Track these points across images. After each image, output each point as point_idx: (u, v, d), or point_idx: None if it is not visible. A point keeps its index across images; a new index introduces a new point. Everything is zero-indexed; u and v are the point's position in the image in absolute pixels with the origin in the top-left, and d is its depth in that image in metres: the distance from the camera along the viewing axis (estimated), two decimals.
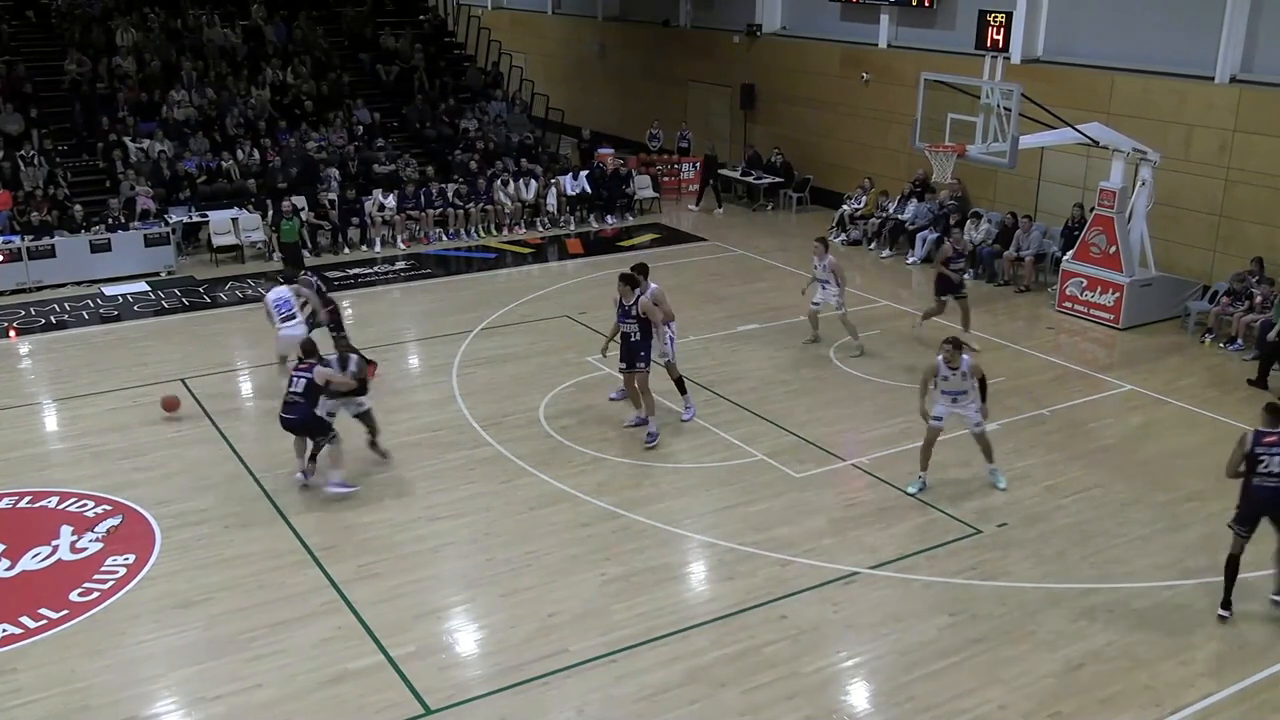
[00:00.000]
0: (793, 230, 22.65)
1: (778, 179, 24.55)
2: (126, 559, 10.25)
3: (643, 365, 12.57)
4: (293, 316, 13.28)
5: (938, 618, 9.34)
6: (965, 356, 11.21)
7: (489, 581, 9.98)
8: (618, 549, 10.45)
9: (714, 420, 13.27)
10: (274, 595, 9.71)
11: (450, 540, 10.70)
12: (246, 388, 14.62)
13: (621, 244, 22.01)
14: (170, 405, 13.31)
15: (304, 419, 11.20)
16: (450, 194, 22.50)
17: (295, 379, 11.23)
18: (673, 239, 22.36)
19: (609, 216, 23.51)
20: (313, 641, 9.05)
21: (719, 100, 27.36)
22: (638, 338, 12.45)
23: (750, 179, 24.85)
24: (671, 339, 13.20)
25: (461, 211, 22.30)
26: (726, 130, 27.10)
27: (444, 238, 21.93)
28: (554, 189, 23.21)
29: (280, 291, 13.45)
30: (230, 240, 20.43)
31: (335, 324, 14.36)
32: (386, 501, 11.40)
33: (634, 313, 12.40)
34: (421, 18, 30.31)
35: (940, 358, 11.17)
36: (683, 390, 13.36)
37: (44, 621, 9.30)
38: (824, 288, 15.24)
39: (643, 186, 24.53)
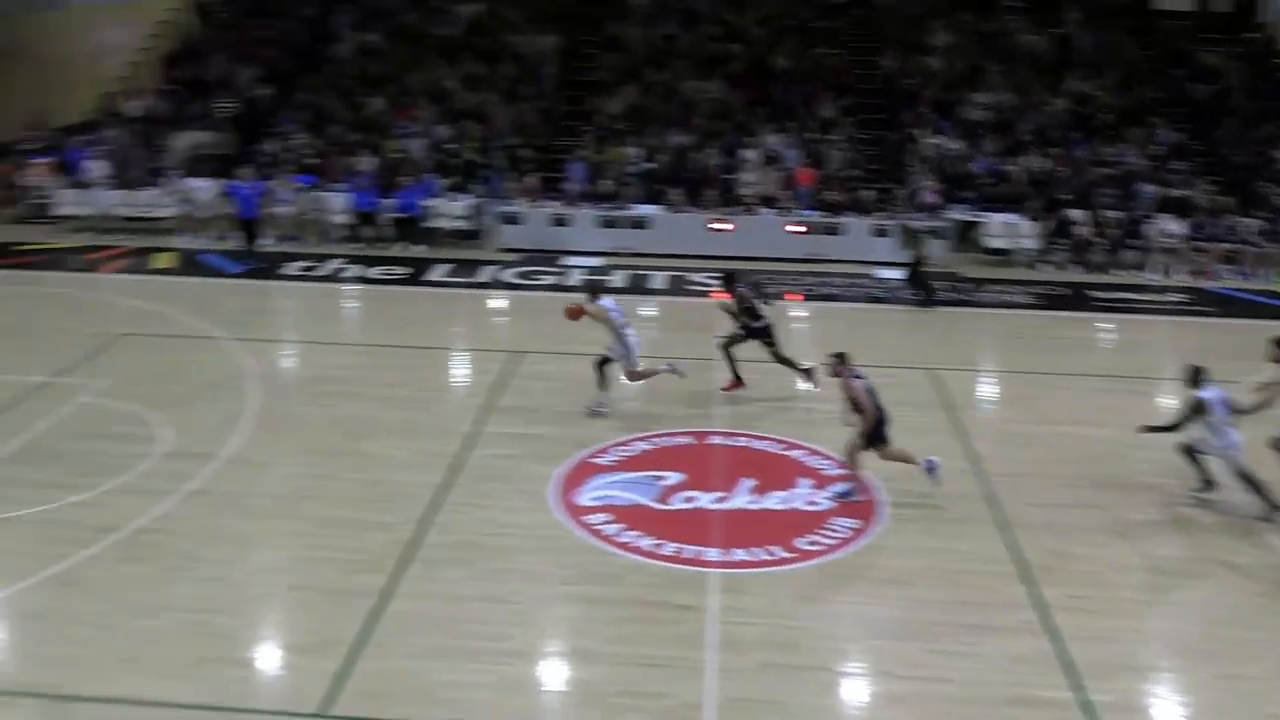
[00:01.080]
0: None
1: None
2: (852, 524, 10.98)
3: None
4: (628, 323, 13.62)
5: None
6: None
7: (1208, 656, 9.03)
8: None
9: None
10: (975, 598, 9.74)
11: (1171, 599, 9.91)
12: (988, 388, 14.72)
13: None
14: (574, 314, 13.59)
15: None
16: (1249, 229, 20.55)
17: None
18: None
19: None
20: (1004, 655, 8.92)
21: None
22: None
23: None
24: None
25: (1258, 250, 20.25)
26: None
27: (1233, 276, 20.12)
28: None
29: (611, 302, 13.70)
30: (1003, 244, 20.74)
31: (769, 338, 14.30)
32: (1105, 538, 10.83)
33: None
34: (1249, 35, 27.69)
35: None
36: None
37: (772, 557, 10.31)
38: None
39: None
